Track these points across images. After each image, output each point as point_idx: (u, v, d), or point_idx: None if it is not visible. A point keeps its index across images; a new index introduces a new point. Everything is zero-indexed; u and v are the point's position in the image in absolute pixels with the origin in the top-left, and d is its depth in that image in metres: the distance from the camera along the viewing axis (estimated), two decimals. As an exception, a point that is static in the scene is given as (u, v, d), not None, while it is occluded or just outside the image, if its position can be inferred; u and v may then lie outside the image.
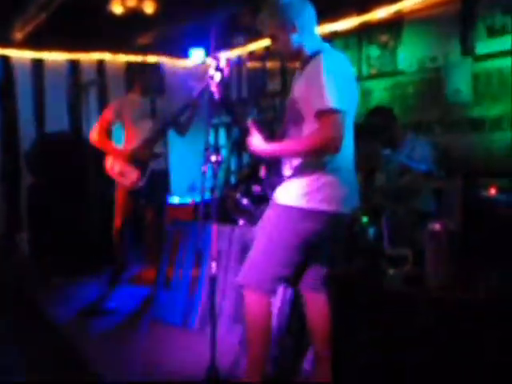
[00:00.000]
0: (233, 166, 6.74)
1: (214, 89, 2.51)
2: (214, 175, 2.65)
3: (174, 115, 4.55)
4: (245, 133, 2.51)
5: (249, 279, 2.51)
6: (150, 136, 4.51)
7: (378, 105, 4.71)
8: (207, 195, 2.85)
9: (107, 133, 4.55)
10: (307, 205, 2.36)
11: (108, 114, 4.56)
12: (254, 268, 2.50)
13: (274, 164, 2.55)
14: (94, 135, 4.49)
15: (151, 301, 4.03)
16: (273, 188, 2.53)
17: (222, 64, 2.51)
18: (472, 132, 4.30)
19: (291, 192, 2.42)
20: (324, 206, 2.36)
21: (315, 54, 2.36)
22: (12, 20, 5.26)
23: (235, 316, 3.51)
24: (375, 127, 3.91)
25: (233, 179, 6.66)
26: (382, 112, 4.22)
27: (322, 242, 2.52)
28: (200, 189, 2.55)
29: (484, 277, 2.39)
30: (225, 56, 2.56)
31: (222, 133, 6.98)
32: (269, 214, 2.53)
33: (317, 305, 2.65)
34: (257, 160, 2.63)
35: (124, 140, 4.60)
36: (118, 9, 4.85)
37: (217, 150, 2.65)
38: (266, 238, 2.49)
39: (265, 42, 5.95)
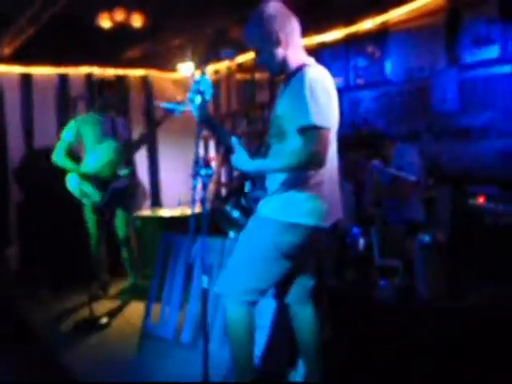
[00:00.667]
0: (223, 178, 6.76)
1: (195, 112, 2.49)
2: (204, 188, 2.64)
3: (137, 139, 4.61)
4: (229, 150, 2.51)
5: (225, 288, 2.52)
6: (113, 157, 4.48)
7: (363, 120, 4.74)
8: (197, 208, 2.84)
9: (68, 152, 4.51)
10: (287, 218, 2.37)
11: (66, 132, 4.54)
12: (230, 278, 2.52)
13: (258, 178, 2.54)
14: (54, 156, 4.50)
15: (143, 315, 4.00)
16: (256, 201, 2.53)
17: (203, 87, 2.49)
18: (459, 141, 4.33)
19: (272, 205, 2.42)
20: (304, 220, 2.36)
21: (298, 69, 2.37)
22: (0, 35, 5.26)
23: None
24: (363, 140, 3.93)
25: (223, 191, 6.68)
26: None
27: (305, 255, 2.52)
28: (190, 202, 2.54)
29: (474, 286, 2.40)
30: (206, 77, 2.54)
31: (212, 145, 7.00)
32: (249, 225, 2.53)
33: (304, 318, 2.65)
34: (243, 175, 2.62)
35: (85, 158, 4.57)
36: (106, 23, 4.85)
37: (206, 163, 2.64)
38: (245, 249, 2.50)
39: (253, 54, 5.98)
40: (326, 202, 2.41)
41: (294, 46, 2.45)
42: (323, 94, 2.29)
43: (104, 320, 4.24)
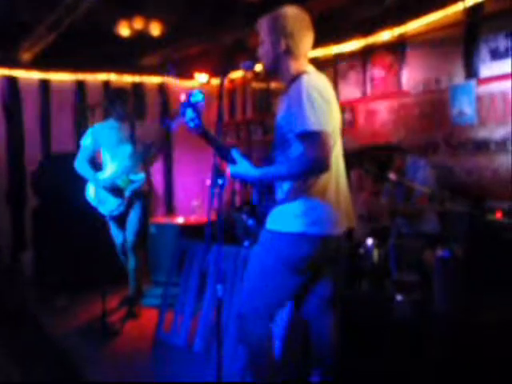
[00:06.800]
0: (237, 187, 6.76)
1: (188, 124, 2.49)
2: (220, 196, 2.64)
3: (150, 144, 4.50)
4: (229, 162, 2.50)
5: (246, 309, 2.50)
6: (129, 163, 4.47)
7: (388, 142, 4.70)
8: (212, 216, 2.83)
9: (88, 159, 4.53)
10: (296, 229, 2.34)
11: (86, 140, 4.53)
12: (246, 297, 2.49)
13: (267, 189, 2.53)
14: (76, 162, 4.52)
15: (156, 322, 4.00)
16: (265, 214, 2.51)
17: (195, 99, 2.49)
18: (477, 154, 4.31)
19: (280, 217, 2.40)
20: (313, 230, 2.33)
21: (297, 77, 2.36)
22: (20, 41, 5.33)
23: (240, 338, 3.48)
24: (381, 161, 3.91)
25: (237, 200, 6.68)
26: (390, 150, 4.21)
27: (319, 266, 2.50)
28: (207, 209, 2.53)
29: (492, 302, 2.37)
30: (198, 89, 2.54)
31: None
32: (260, 239, 2.51)
33: (322, 329, 2.62)
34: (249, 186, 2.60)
35: (104, 166, 4.57)
36: (124, 31, 4.89)
37: (221, 171, 2.63)
38: (258, 265, 2.47)
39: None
40: (335, 209, 2.38)
41: (299, 56, 2.45)
42: (321, 99, 2.28)
43: (117, 327, 4.25)
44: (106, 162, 4.57)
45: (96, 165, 4.61)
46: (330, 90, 2.44)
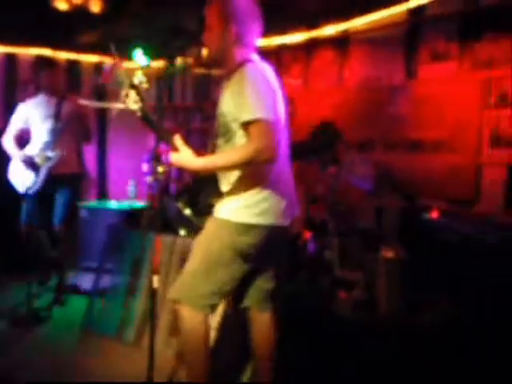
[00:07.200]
0: (173, 174, 6.65)
1: (132, 107, 2.41)
2: (157, 184, 2.58)
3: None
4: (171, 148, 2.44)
5: (181, 294, 2.44)
6: (48, 138, 4.30)
7: (323, 120, 4.75)
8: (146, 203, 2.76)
9: (15, 135, 4.40)
10: (243, 219, 2.32)
11: (14, 119, 4.43)
12: (186, 283, 2.44)
13: (211, 182, 2.48)
14: (3, 140, 4.41)
15: (85, 309, 3.88)
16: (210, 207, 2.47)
17: (137, 80, 2.41)
18: (412, 153, 4.42)
19: (228, 206, 2.37)
20: (261, 220, 2.32)
21: (240, 65, 2.33)
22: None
23: (171, 328, 3.43)
24: (320, 146, 3.93)
25: (171, 188, 6.57)
26: (327, 129, 4.25)
27: (264, 255, 2.48)
28: (144, 196, 2.45)
29: (431, 302, 2.43)
30: (138, 72, 2.46)
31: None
32: (206, 228, 2.48)
33: (261, 323, 2.60)
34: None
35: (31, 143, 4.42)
36: (62, 5, 4.67)
37: (157, 157, 2.56)
38: (202, 252, 2.43)
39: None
40: (283, 199, 2.37)
41: (246, 45, 2.40)
42: (265, 87, 2.25)
43: (44, 314, 4.09)
44: (33, 139, 4.41)
45: (24, 141, 4.43)
46: (274, 78, 2.42)
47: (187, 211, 3.82)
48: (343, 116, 4.95)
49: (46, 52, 6.15)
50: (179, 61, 6.54)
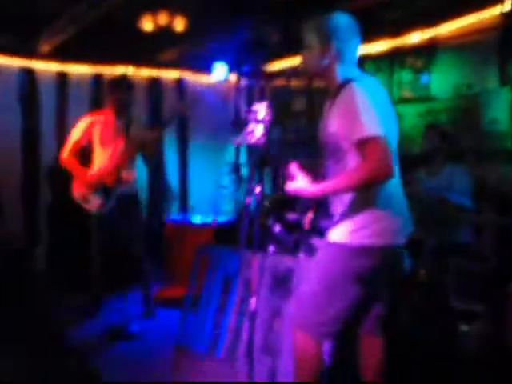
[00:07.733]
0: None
1: (257, 141, 2.39)
2: (255, 203, 2.56)
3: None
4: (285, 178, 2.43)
5: (298, 320, 2.42)
6: (119, 159, 4.24)
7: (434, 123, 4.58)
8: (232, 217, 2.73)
9: (76, 154, 4.34)
10: (359, 241, 2.25)
11: (75, 134, 4.35)
12: (304, 309, 2.40)
13: (322, 204, 2.43)
14: (63, 155, 4.35)
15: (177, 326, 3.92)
16: (320, 231, 2.41)
17: (262, 115, 2.38)
18: (508, 163, 4.20)
19: (343, 229, 2.31)
20: (377, 241, 2.25)
21: (346, 83, 2.28)
22: (39, 32, 5.21)
23: (264, 347, 3.40)
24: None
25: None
26: (437, 132, 4.10)
27: (379, 280, 2.40)
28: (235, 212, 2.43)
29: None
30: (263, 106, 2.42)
31: (244, 150, 6.90)
32: (321, 252, 2.42)
33: (372, 349, 2.53)
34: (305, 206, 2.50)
35: (93, 162, 4.38)
36: (148, 26, 4.78)
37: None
38: (319, 279, 2.37)
39: (291, 61, 5.89)
40: (398, 217, 2.30)
41: (347, 61, 2.37)
42: (376, 104, 2.19)
43: (136, 329, 4.16)
44: (96, 158, 4.36)
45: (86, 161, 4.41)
46: (383, 91, 2.36)
47: (277, 228, 3.82)
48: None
49: (130, 70, 6.31)
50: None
